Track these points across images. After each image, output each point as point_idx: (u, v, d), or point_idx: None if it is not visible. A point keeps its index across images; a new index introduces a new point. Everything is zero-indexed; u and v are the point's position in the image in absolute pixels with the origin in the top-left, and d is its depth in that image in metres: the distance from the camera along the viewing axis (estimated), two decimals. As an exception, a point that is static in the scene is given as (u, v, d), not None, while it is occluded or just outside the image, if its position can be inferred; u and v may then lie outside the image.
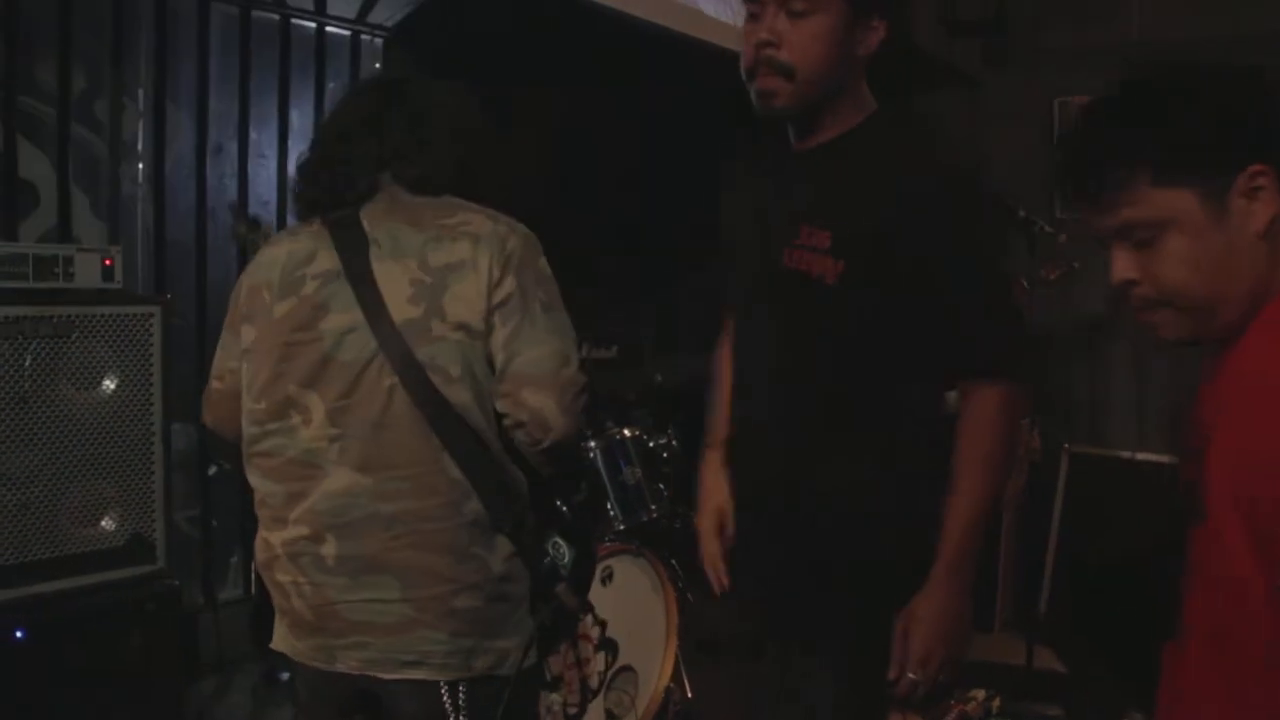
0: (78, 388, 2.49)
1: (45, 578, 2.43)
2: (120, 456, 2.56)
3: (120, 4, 3.54)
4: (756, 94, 1.74)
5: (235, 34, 3.84)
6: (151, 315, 2.62)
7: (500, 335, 1.72)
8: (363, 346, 1.71)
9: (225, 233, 3.80)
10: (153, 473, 2.62)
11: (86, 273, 2.57)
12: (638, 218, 5.16)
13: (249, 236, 2.28)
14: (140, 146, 3.72)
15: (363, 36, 4.21)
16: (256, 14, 3.87)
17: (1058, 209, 5.02)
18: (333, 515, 1.71)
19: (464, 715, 1.71)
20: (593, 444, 3.56)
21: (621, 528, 3.49)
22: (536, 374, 1.71)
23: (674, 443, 3.69)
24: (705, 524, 1.99)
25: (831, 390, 1.75)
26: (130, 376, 2.57)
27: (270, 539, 1.78)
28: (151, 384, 2.61)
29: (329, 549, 1.70)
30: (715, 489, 1.99)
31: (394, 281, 1.72)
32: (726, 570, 1.97)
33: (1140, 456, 4.49)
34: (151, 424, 2.61)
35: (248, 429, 1.80)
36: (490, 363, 1.74)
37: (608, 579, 3.07)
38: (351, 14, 4.08)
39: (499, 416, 1.75)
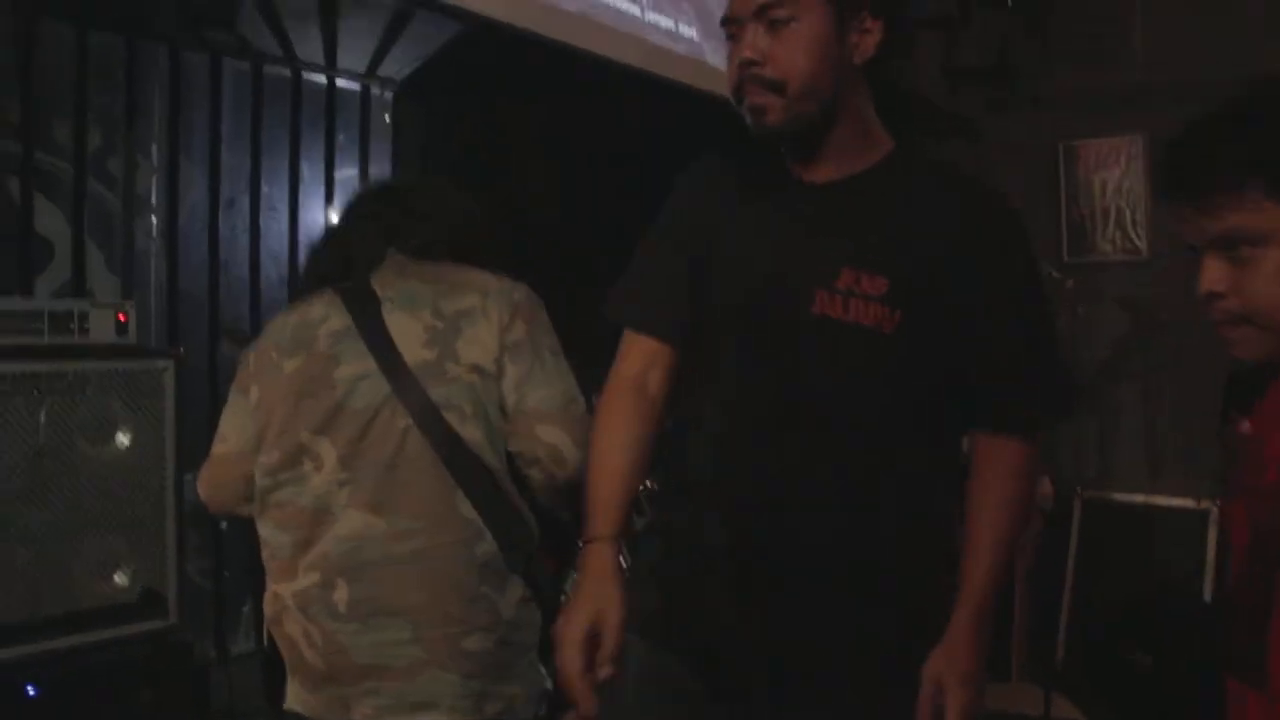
0: (91, 442, 2.50)
1: (57, 633, 2.42)
2: (133, 511, 2.56)
3: (134, 63, 3.59)
4: (748, 111, 1.59)
5: (247, 89, 3.89)
6: (165, 369, 2.63)
7: (512, 376, 1.78)
8: (375, 391, 1.75)
9: (238, 286, 3.83)
10: (165, 527, 2.62)
11: (101, 328, 2.59)
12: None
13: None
14: (154, 201, 3.76)
15: (372, 90, 4.26)
16: (268, 69, 3.92)
17: (1065, 254, 5.06)
18: (344, 558, 1.73)
19: None
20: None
21: (629, 577, 3.47)
22: (549, 410, 1.77)
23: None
24: (573, 631, 1.53)
25: (878, 444, 1.60)
26: (143, 431, 2.58)
27: (280, 591, 1.79)
28: (164, 438, 2.61)
29: (340, 594, 1.72)
30: (601, 592, 1.56)
31: (407, 329, 1.78)
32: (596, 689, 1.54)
33: (1154, 501, 4.47)
34: (164, 478, 2.62)
35: (260, 481, 1.81)
36: (501, 405, 1.78)
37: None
38: (361, 68, 4.13)
39: (511, 459, 1.79)
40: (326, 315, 1.83)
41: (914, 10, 5.01)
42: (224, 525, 3.63)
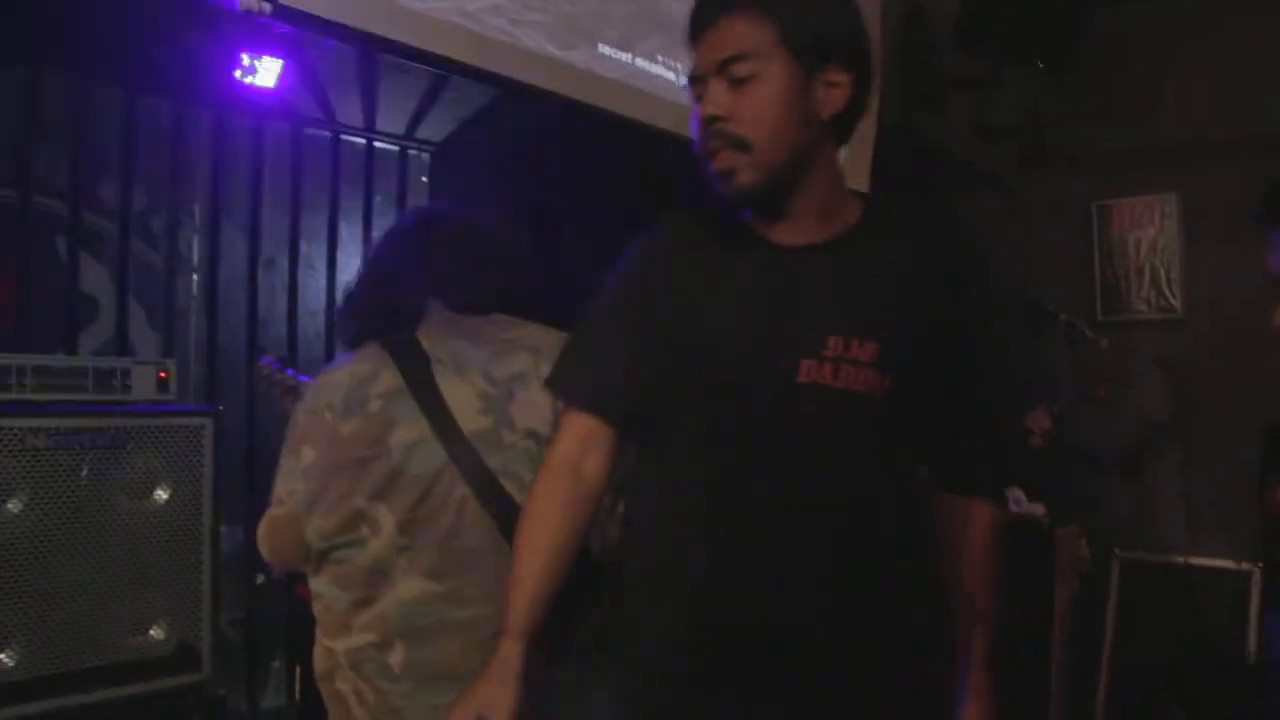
0: (131, 497, 2.53)
1: (94, 687, 2.44)
2: (170, 566, 2.58)
3: (180, 125, 3.68)
4: (717, 177, 1.52)
5: (287, 151, 3.97)
6: (204, 426, 2.66)
7: None
8: (432, 458, 1.74)
9: (276, 344, 3.88)
10: (201, 582, 2.64)
11: (143, 385, 2.63)
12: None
13: (274, 383, 2.36)
14: (195, 260, 3.83)
15: (410, 152, 4.34)
16: (308, 131, 4.01)
17: (1099, 312, 5.04)
18: (403, 621, 1.72)
19: None
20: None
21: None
22: None
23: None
24: None
25: (878, 521, 1.54)
26: (182, 487, 2.61)
27: (332, 647, 1.78)
28: (202, 494, 2.64)
29: (396, 656, 1.72)
30: (493, 693, 1.49)
31: (461, 395, 1.76)
32: None
33: (1193, 561, 4.41)
34: (201, 533, 2.64)
35: (315, 544, 1.80)
36: None
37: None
38: (400, 130, 4.22)
39: None
40: (376, 373, 1.81)
41: (945, 68, 5.05)
42: (260, 579, 3.66)
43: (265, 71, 3.26)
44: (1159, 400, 4.85)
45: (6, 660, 2.32)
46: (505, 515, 1.71)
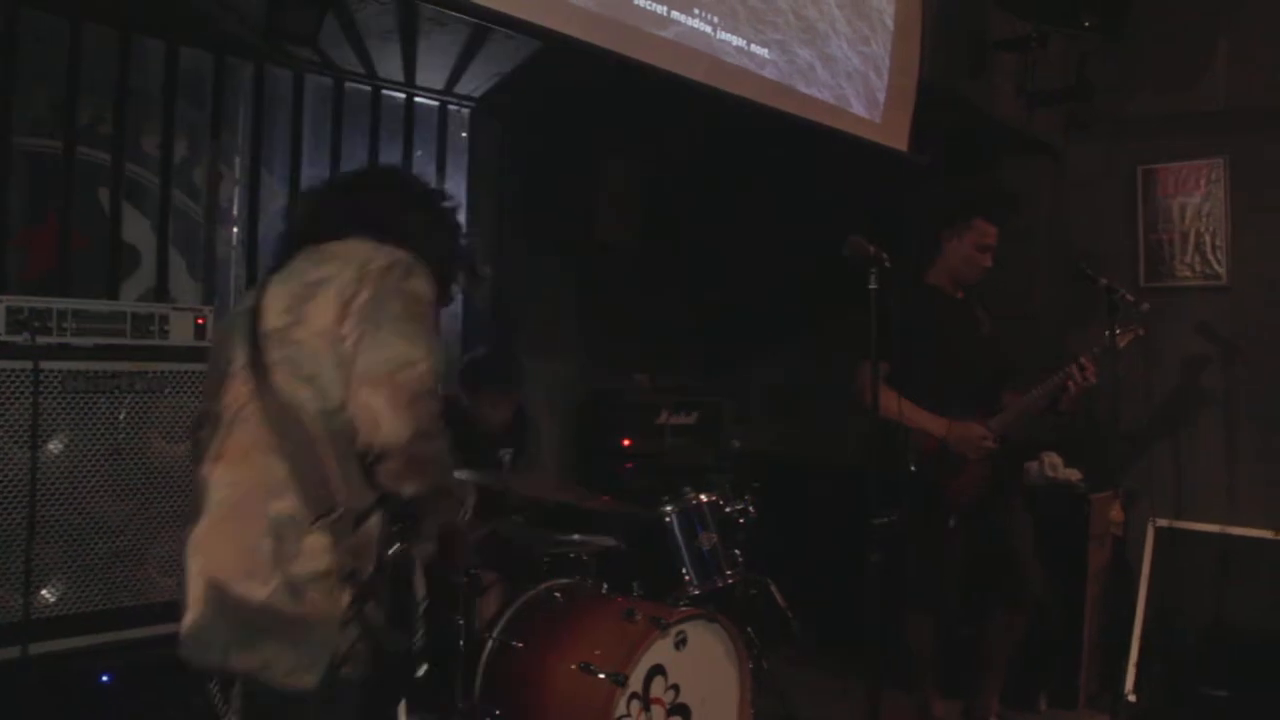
0: (167, 440, 2.57)
1: (132, 624, 2.49)
2: (206, 509, 2.62)
3: (221, 78, 3.71)
4: None
5: (328, 104, 3.99)
6: (241, 372, 2.69)
7: (349, 341, 1.79)
8: (239, 361, 1.86)
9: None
10: (237, 526, 2.67)
11: (180, 330, 2.67)
12: (727, 287, 5.20)
13: None
14: (235, 212, 3.87)
15: (450, 106, 4.35)
16: (349, 85, 4.02)
17: (1142, 277, 4.96)
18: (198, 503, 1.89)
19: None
20: (669, 508, 3.56)
21: (696, 593, 3.48)
22: (374, 374, 1.75)
23: (750, 509, 3.67)
24: None
25: None
26: (219, 431, 2.64)
27: None
28: (239, 439, 2.67)
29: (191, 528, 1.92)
30: None
31: (275, 296, 1.87)
32: None
33: (1230, 531, 4.36)
34: (237, 478, 2.67)
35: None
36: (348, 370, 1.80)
37: (681, 644, 3.05)
38: (439, 85, 4.22)
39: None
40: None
41: (990, 30, 4.97)
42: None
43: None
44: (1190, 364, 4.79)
45: (48, 596, 2.38)
46: (276, 407, 1.78)
